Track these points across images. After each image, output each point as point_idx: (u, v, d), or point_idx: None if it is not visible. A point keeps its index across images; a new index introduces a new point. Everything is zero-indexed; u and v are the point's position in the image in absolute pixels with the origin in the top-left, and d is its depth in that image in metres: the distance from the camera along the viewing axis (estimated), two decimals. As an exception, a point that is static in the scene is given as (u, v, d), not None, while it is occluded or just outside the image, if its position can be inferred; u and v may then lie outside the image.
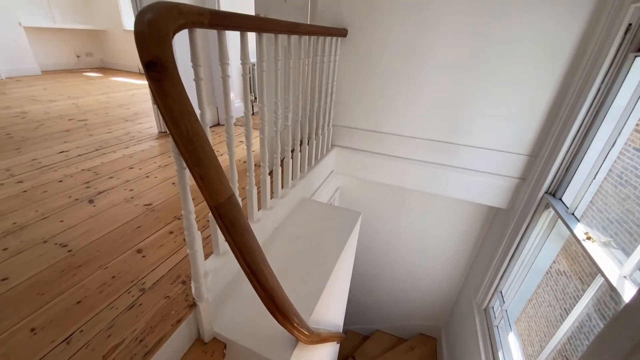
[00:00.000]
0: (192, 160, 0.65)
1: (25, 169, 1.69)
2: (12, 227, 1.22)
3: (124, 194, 1.52)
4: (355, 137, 2.24)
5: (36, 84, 3.88)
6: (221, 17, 0.83)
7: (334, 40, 1.82)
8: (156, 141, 2.26)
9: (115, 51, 5.38)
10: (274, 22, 1.11)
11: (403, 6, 1.77)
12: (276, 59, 1.22)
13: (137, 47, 0.61)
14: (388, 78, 1.97)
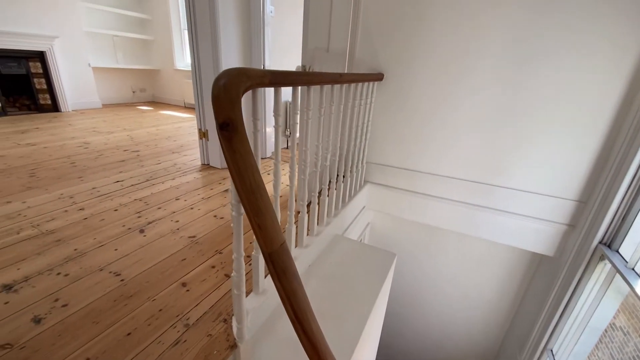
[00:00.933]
0: (252, 210, 0.70)
1: (86, 197, 1.87)
2: (73, 254, 1.34)
3: (171, 225, 1.61)
4: (389, 175, 2.25)
5: (97, 116, 4.36)
6: (279, 77, 0.92)
7: (371, 84, 1.92)
8: (199, 173, 2.42)
9: (166, 87, 5.96)
10: (320, 75, 1.20)
11: (440, 53, 1.83)
12: (320, 106, 1.31)
13: (213, 109, 0.70)
14: (424, 119, 2.00)
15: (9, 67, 4.05)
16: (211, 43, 2.24)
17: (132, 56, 5.62)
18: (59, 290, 1.13)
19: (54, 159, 2.52)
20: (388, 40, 1.97)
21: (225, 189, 2.14)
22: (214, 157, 2.58)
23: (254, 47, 2.55)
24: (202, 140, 2.58)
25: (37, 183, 2.03)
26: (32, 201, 1.78)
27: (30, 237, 1.44)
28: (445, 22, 1.77)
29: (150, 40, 5.71)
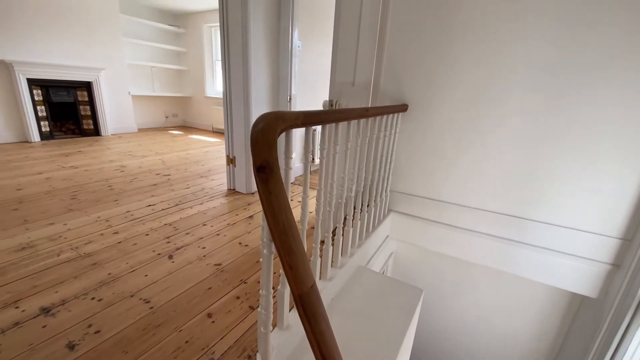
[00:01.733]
0: (284, 250, 0.71)
1: (120, 220, 1.97)
2: (107, 278, 1.39)
3: (198, 251, 1.65)
4: (413, 204, 2.21)
5: (133, 140, 4.66)
6: (310, 117, 0.96)
7: (396, 115, 1.94)
8: (225, 198, 2.49)
9: (196, 113, 6.32)
10: (348, 111, 1.24)
11: (466, 83, 1.84)
12: (347, 140, 1.33)
13: (252, 152, 0.74)
14: (450, 149, 1.98)
15: (60, 95, 4.46)
16: (242, 75, 2.38)
17: (167, 85, 6.05)
18: (93, 315, 1.17)
19: (93, 181, 2.69)
20: (412, 72, 2.01)
21: (250, 215, 2.18)
22: (239, 182, 2.66)
23: (282, 77, 2.68)
24: (229, 167, 2.68)
25: (77, 205, 2.17)
26: (72, 223, 1.90)
27: (69, 259, 1.52)
28: (471, 52, 1.78)
29: (185, 70, 6.14)
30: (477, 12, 1.72)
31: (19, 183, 2.55)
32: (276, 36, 2.55)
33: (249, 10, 2.23)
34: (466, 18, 1.76)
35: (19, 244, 1.64)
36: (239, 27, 2.27)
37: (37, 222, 1.90)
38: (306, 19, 2.91)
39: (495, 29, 1.70)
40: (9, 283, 1.33)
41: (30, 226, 1.84)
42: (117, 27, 4.80)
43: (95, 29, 4.56)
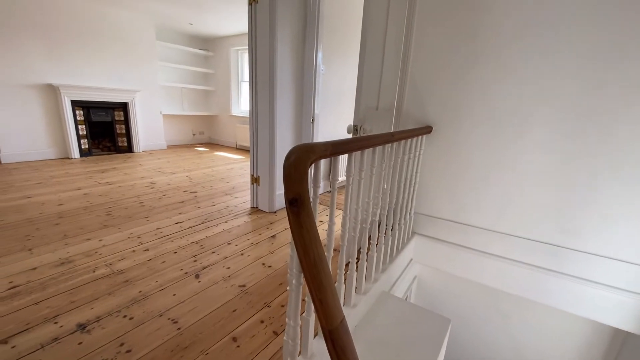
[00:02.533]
0: (315, 284, 0.71)
1: (151, 238, 2.05)
2: (138, 296, 1.45)
3: (223, 271, 1.69)
4: (439, 227, 2.15)
5: (163, 157, 4.90)
6: (338, 147, 0.98)
7: (420, 137, 1.93)
8: (249, 216, 2.54)
9: (221, 130, 6.57)
10: (374, 138, 1.25)
11: (494, 104, 1.81)
12: (372, 165, 1.34)
13: (284, 185, 0.77)
14: (478, 172, 1.93)
15: (99, 115, 4.81)
16: (268, 96, 2.48)
17: (195, 104, 6.37)
18: (125, 334, 1.21)
19: (126, 198, 2.84)
20: (436, 94, 2.01)
21: (272, 235, 2.21)
22: (263, 201, 2.71)
23: (305, 99, 2.75)
24: (253, 185, 2.74)
25: (112, 221, 2.29)
26: (107, 240, 2.00)
27: (104, 275, 1.60)
28: (498, 71, 1.77)
29: (212, 91, 6.46)
30: (502, 39, 1.72)
31: (60, 198, 2.74)
32: (301, 60, 2.65)
33: (276, 36, 2.34)
34: (491, 44, 1.76)
35: (58, 259, 1.74)
36: (267, 51, 2.38)
37: (76, 237, 2.02)
38: (329, 43, 3.00)
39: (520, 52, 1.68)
40: (49, 298, 1.41)
41: (69, 241, 1.96)
42: (153, 52, 5.16)
43: (133, 55, 4.93)
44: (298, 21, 2.52)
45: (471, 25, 1.81)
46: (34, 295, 1.42)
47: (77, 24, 4.26)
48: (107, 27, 4.56)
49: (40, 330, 1.22)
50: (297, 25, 2.51)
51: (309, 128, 2.80)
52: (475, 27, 1.79)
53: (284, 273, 1.71)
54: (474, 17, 1.79)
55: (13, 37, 3.77)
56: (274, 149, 2.57)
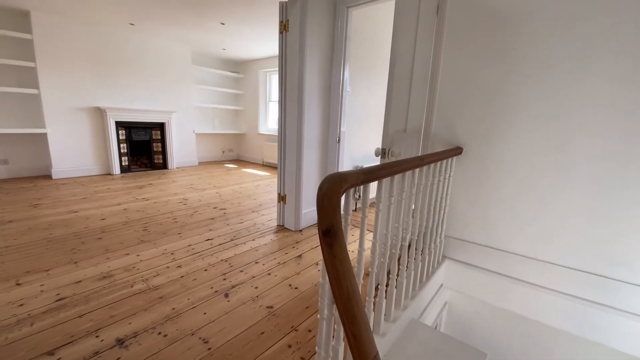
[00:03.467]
0: (348, 317, 0.71)
1: (183, 254, 2.14)
2: (171, 313, 1.50)
3: (251, 291, 1.71)
4: (471, 252, 2.06)
5: (194, 173, 5.14)
6: (369, 175, 0.99)
7: (450, 159, 1.89)
8: (275, 235, 2.58)
9: (248, 148, 6.81)
10: (404, 163, 1.25)
11: (529, 124, 1.75)
12: (402, 190, 1.33)
13: (318, 216, 0.78)
14: (514, 195, 1.85)
15: (139, 134, 5.17)
16: (296, 118, 2.55)
17: (225, 123, 6.69)
18: (159, 351, 1.25)
19: (161, 214, 3.00)
20: (465, 115, 1.97)
21: (298, 255, 2.22)
22: (289, 219, 2.74)
23: (332, 118, 2.80)
24: (280, 204, 2.80)
25: (148, 237, 2.41)
26: (144, 255, 2.11)
27: (141, 291, 1.68)
28: (533, 93, 1.71)
29: (241, 110, 6.76)
30: (534, 54, 1.67)
31: (102, 213, 2.94)
32: (327, 81, 2.72)
33: (305, 61, 2.43)
34: (523, 59, 1.72)
35: (100, 273, 1.86)
36: (296, 75, 2.48)
37: (116, 251, 2.15)
38: (355, 64, 3.07)
39: (556, 67, 1.62)
40: (92, 311, 1.50)
41: (110, 255, 2.09)
42: (189, 76, 5.54)
43: (171, 79, 5.31)
44: (326, 45, 2.61)
45: (502, 47, 1.78)
46: (78, 308, 1.52)
47: (123, 53, 4.69)
48: (148, 54, 4.98)
49: (83, 343, 1.29)
50: (324, 49, 2.61)
51: (335, 148, 2.84)
52: (507, 49, 1.77)
53: (310, 295, 1.70)
54: (506, 40, 1.77)
55: (69, 66, 4.21)
56: (301, 169, 2.62)
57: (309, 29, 2.41)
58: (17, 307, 1.51)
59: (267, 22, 3.90)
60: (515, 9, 1.72)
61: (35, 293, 1.63)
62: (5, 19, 3.85)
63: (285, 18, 2.44)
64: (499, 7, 1.78)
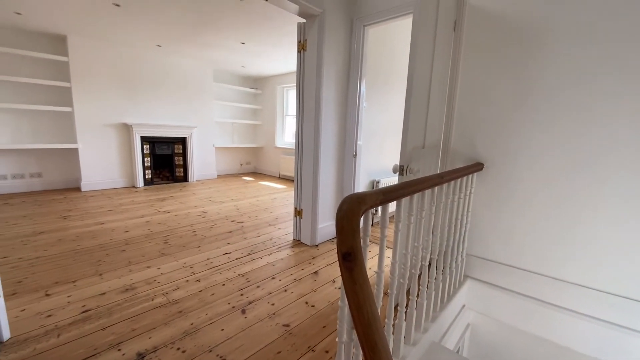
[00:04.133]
0: (368, 345, 0.69)
1: (202, 268, 2.17)
2: (190, 328, 1.52)
3: (267, 308, 1.71)
4: (495, 272, 1.97)
5: (213, 186, 5.27)
6: (388, 195, 0.99)
7: (471, 175, 1.85)
8: (292, 249, 2.58)
9: (265, 161, 6.93)
10: (423, 182, 1.23)
11: (554, 139, 1.69)
12: (422, 209, 1.31)
13: (337, 238, 0.78)
14: (540, 212, 1.77)
15: (162, 149, 5.38)
16: (313, 133, 2.58)
17: (244, 137, 6.86)
18: (177, 368, 1.26)
19: (181, 226, 3.07)
20: (485, 129, 1.94)
21: (315, 271, 2.20)
22: (305, 234, 2.74)
23: (348, 133, 2.82)
24: (296, 218, 2.81)
25: (168, 250, 2.47)
26: (164, 268, 2.16)
27: (161, 304, 1.71)
28: (555, 105, 1.66)
29: (259, 125, 6.93)
30: (558, 69, 1.63)
31: (126, 225, 3.05)
32: (344, 97, 2.75)
33: (322, 78, 2.48)
34: (546, 75, 1.68)
35: (123, 285, 1.91)
36: (313, 91, 2.52)
37: (138, 264, 2.21)
38: (371, 80, 3.09)
39: (584, 84, 1.57)
40: (114, 324, 1.54)
41: (132, 268, 2.15)
42: (210, 92, 5.76)
43: (194, 96, 5.54)
44: (342, 62, 2.66)
45: (522, 62, 1.76)
46: (102, 320, 1.57)
47: (149, 72, 4.96)
48: (173, 73, 5.24)
49: (105, 357, 1.32)
50: (341, 65, 2.65)
51: (352, 162, 2.84)
52: (528, 65, 1.74)
53: (327, 314, 1.68)
54: (526, 55, 1.74)
55: (100, 85, 4.49)
56: (317, 184, 2.64)
57: (326, 48, 2.47)
58: (46, 317, 1.58)
59: (285, 40, 4.03)
60: (535, 25, 1.70)
61: (63, 304, 1.69)
62: (45, 43, 4.18)
63: (304, 38, 2.51)
64: (518, 23, 1.76)
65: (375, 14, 2.48)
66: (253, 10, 3.08)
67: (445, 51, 1.94)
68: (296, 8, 2.28)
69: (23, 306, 1.66)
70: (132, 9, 3.15)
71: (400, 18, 2.39)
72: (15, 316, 1.57)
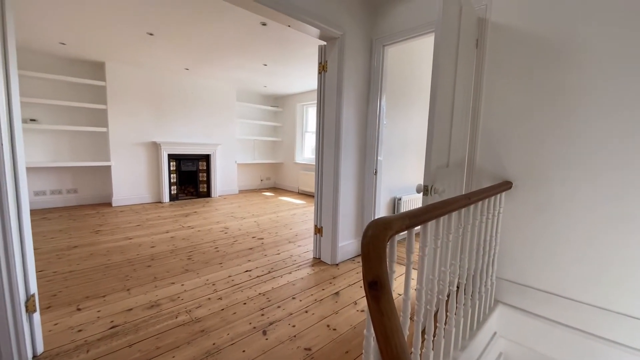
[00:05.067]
0: (398, 381, 0.66)
1: (224, 286, 2.19)
2: (212, 349, 1.52)
3: (288, 330, 1.68)
4: (528, 297, 1.85)
5: (234, 201, 5.38)
6: (414, 219, 0.96)
7: (499, 195, 1.78)
8: (312, 268, 2.56)
9: (285, 176, 7.02)
10: (450, 204, 1.19)
11: (597, 162, 1.60)
12: (448, 232, 1.27)
13: (363, 266, 0.76)
14: (577, 233, 1.67)
15: (187, 165, 5.60)
16: (334, 152, 2.60)
17: (264, 153, 7.02)
18: (200, 390, 1.26)
19: (204, 242, 3.14)
20: (515, 149, 1.87)
21: (336, 292, 2.16)
22: (325, 252, 2.72)
23: (368, 151, 2.81)
24: (316, 236, 2.79)
25: (192, 266, 2.52)
26: (188, 284, 2.20)
27: (185, 322, 1.73)
28: (602, 129, 1.58)
29: (279, 141, 7.08)
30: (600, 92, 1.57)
31: (152, 241, 3.15)
32: (364, 114, 2.77)
33: (342, 97, 2.52)
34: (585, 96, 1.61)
35: (149, 302, 1.96)
36: (333, 110, 2.56)
37: (163, 280, 2.27)
38: (390, 97, 3.10)
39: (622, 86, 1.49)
40: (140, 341, 1.57)
41: (158, 284, 2.20)
42: (234, 111, 5.99)
43: (218, 115, 5.78)
44: (362, 81, 2.69)
45: (556, 82, 1.70)
46: (129, 337, 1.60)
47: (177, 93, 5.24)
48: (199, 94, 5.50)
49: (131, 375, 1.34)
50: (361, 84, 2.68)
51: (372, 180, 2.82)
52: (563, 84, 1.68)
53: (350, 339, 1.63)
54: (562, 75, 1.69)
55: (133, 106, 4.78)
56: (338, 201, 2.63)
57: (347, 68, 2.52)
58: (76, 332, 1.63)
59: (305, 61, 4.15)
60: (568, 44, 1.65)
61: (93, 319, 1.75)
62: (86, 70, 4.54)
63: (324, 59, 2.58)
64: (547, 42, 1.72)
65: (395, 34, 2.52)
66: (275, 35, 3.21)
67: (467, 69, 1.92)
68: (317, 32, 2.35)
69: (56, 320, 1.73)
70: (164, 37, 3.38)
71: (419, 37, 2.41)
72: (49, 330, 1.64)
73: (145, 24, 3.02)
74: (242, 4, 1.92)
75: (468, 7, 1.79)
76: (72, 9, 2.71)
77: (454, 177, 1.86)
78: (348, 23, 2.48)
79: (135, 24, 3.04)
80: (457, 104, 1.83)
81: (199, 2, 2.54)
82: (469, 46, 1.89)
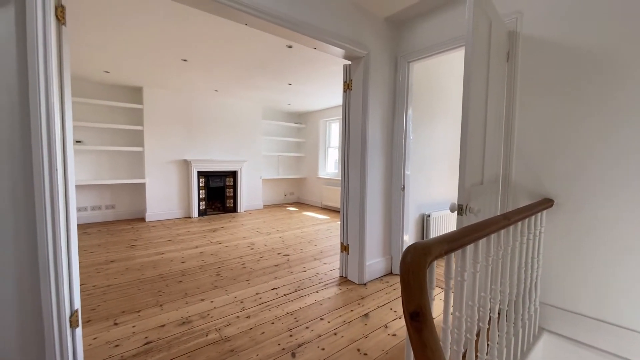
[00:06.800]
0: (445, 422, 0.62)
1: (251, 304, 2.19)
2: (242, 370, 1.51)
3: (318, 353, 1.64)
4: (578, 326, 1.69)
5: (260, 216, 5.46)
6: (452, 243, 0.92)
7: (540, 214, 1.67)
8: (339, 287, 2.51)
9: (308, 191, 7.06)
10: (488, 226, 1.14)
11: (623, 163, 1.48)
12: (488, 255, 1.20)
13: (402, 295, 0.73)
14: (630, 256, 1.52)
15: (215, 182, 5.79)
16: (360, 169, 2.59)
17: (288, 169, 7.13)
18: (231, 414, 1.24)
19: (231, 258, 3.19)
20: (556, 165, 1.77)
21: (365, 313, 2.09)
22: (352, 271, 2.66)
23: (395, 166, 2.77)
24: (342, 254, 2.75)
25: (220, 282, 2.56)
26: (217, 301, 2.22)
27: (215, 341, 1.74)
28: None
29: (302, 157, 7.17)
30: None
31: (183, 256, 3.25)
32: (390, 130, 2.75)
33: (368, 114, 2.52)
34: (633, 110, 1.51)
35: (180, 318, 2.00)
36: (359, 128, 2.56)
37: (193, 296, 2.31)
38: (416, 111, 3.06)
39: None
40: (173, 359, 1.59)
41: (188, 300, 2.25)
42: (259, 129, 6.18)
43: (244, 133, 5.98)
44: (387, 98, 2.69)
45: (598, 94, 1.61)
46: (162, 354, 1.63)
47: (207, 113, 5.50)
48: (227, 113, 5.75)
49: (164, 393, 1.36)
50: (386, 101, 2.68)
51: (400, 196, 2.76)
52: (605, 97, 1.59)
53: None
54: (604, 88, 1.60)
55: (166, 127, 5.07)
56: (364, 219, 2.59)
57: (372, 86, 2.53)
58: (113, 347, 1.69)
59: (329, 79, 4.23)
60: (612, 56, 1.57)
61: (128, 334, 1.81)
62: (125, 94, 4.91)
63: (349, 78, 2.62)
64: (586, 54, 1.64)
65: (420, 50, 2.52)
66: (300, 55, 3.31)
67: (499, 83, 1.87)
68: (342, 52, 2.40)
69: (95, 334, 1.81)
70: (197, 63, 3.60)
71: (445, 53, 2.39)
72: (89, 344, 1.71)
73: (180, 51, 3.23)
74: (273, 31, 2.01)
75: (497, 21, 1.75)
76: (120, 39, 2.96)
77: (488, 194, 1.78)
78: (373, 42, 2.51)
79: (172, 52, 3.26)
80: (490, 119, 1.78)
81: (230, 29, 2.69)
82: (500, 60, 1.84)
